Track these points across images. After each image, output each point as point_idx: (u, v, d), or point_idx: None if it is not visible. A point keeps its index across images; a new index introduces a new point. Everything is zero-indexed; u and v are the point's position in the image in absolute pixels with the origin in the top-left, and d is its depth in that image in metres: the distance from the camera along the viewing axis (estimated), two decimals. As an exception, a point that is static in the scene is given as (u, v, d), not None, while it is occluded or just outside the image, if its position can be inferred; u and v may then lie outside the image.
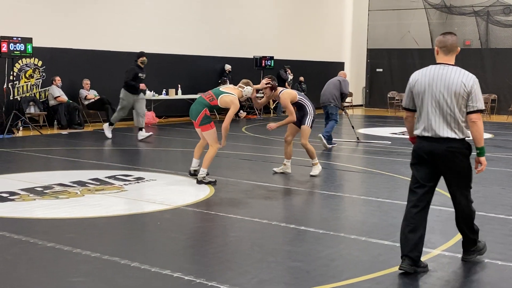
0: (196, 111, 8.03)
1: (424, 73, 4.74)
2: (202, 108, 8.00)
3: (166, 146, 12.49)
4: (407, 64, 24.84)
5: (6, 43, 13.14)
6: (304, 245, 5.42)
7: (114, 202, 6.97)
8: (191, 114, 8.16)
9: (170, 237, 5.64)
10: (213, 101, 8.05)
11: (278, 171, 9.03)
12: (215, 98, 8.05)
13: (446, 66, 4.73)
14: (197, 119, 8.00)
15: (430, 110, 4.63)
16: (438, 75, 4.66)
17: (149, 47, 17.76)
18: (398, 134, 15.11)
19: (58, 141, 12.83)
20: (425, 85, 4.67)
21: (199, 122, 8.00)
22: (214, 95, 8.10)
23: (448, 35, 4.84)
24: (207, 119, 7.99)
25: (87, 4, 16.20)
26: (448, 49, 4.81)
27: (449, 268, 4.86)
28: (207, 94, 8.19)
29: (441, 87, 4.60)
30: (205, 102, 8.05)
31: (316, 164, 8.91)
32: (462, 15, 23.86)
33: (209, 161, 8.02)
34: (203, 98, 8.14)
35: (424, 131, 4.68)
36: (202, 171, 8.04)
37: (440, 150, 4.62)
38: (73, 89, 15.86)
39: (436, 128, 4.61)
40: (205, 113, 7.96)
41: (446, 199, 7.35)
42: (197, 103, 8.14)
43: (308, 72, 23.17)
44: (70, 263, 4.78)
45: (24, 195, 7.19)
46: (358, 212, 6.90)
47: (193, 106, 8.19)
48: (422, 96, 4.68)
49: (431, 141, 4.65)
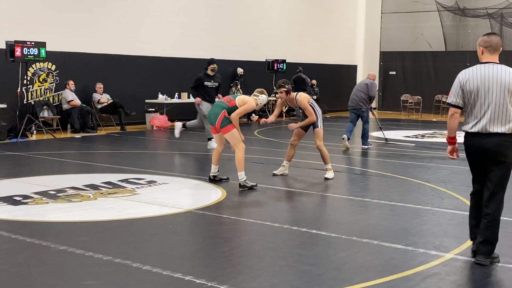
0: (215, 114, 8.04)
1: (474, 71, 4.94)
2: (220, 110, 8.02)
3: (178, 149, 12.51)
4: (420, 67, 24.75)
5: (20, 48, 13.24)
6: (315, 248, 5.41)
7: (127, 205, 6.98)
8: (210, 119, 8.16)
9: (182, 240, 5.64)
10: (231, 101, 8.10)
11: (278, 174, 9.07)
12: (233, 99, 8.15)
13: (495, 64, 4.91)
14: (217, 122, 7.99)
15: (482, 107, 4.85)
16: (490, 74, 4.86)
17: (162, 51, 17.87)
18: (411, 137, 15.03)
19: (71, 145, 12.90)
20: (477, 83, 4.87)
21: (219, 124, 7.99)
22: (231, 97, 8.25)
23: (492, 36, 4.99)
24: (226, 121, 7.98)
25: (101, 8, 16.29)
26: (493, 48, 4.97)
27: (463, 272, 4.83)
28: (225, 98, 8.33)
29: (494, 84, 4.82)
30: (224, 105, 8.09)
31: (330, 169, 8.96)
32: (476, 18, 23.71)
33: (241, 163, 7.94)
34: (222, 101, 8.26)
35: (475, 127, 4.91)
36: (240, 175, 7.94)
37: (491, 144, 4.84)
38: (86, 93, 15.95)
39: (487, 124, 4.83)
40: (224, 115, 7.97)
41: (460, 202, 7.32)
42: (214, 107, 8.22)
43: (321, 75, 23.12)
44: (82, 266, 4.80)
45: (37, 199, 7.23)
46: (371, 215, 6.87)
47: (211, 110, 8.22)
48: (475, 94, 4.88)
49: (482, 136, 4.87)
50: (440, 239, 5.73)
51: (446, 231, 6.06)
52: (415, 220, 6.47)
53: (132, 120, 16.40)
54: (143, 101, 16.93)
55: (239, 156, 7.95)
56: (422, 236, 5.81)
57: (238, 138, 8.02)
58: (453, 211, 6.85)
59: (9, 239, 5.53)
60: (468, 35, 23.89)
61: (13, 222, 6.18)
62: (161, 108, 17.00)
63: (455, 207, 7.07)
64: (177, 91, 17.58)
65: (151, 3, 17.54)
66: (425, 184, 8.58)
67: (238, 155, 7.97)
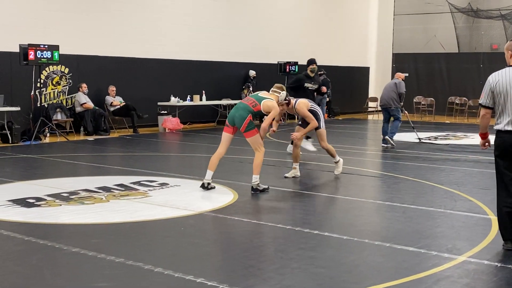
0: (241, 117, 7.90)
1: (503, 74, 5.39)
2: (247, 114, 7.90)
3: (190, 152, 12.54)
4: (433, 68, 24.64)
5: (33, 51, 13.33)
6: (327, 251, 5.39)
7: (139, 207, 7.01)
8: (234, 120, 7.98)
9: (194, 242, 5.65)
10: (256, 106, 8.00)
11: (289, 176, 9.05)
12: (258, 103, 8.02)
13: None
14: (243, 125, 7.86)
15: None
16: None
17: (174, 53, 17.93)
18: (424, 139, 14.95)
19: (84, 147, 12.97)
20: (506, 85, 5.32)
21: (244, 127, 7.87)
22: (256, 100, 8.06)
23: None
24: (252, 125, 7.90)
25: (113, 12, 16.38)
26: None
27: (475, 274, 4.79)
28: (248, 100, 8.13)
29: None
30: (249, 108, 7.96)
31: (338, 161, 9.33)
32: (489, 19, 23.57)
33: (259, 167, 7.93)
34: (246, 104, 8.04)
35: (507, 125, 5.30)
36: (254, 178, 7.93)
37: None
38: (99, 95, 16.03)
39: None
40: (250, 119, 7.89)
41: (473, 205, 7.28)
42: (240, 110, 7.99)
43: (333, 77, 23.07)
44: (94, 268, 4.82)
45: (50, 201, 7.27)
46: (383, 218, 6.85)
47: (235, 112, 8.01)
48: (504, 95, 5.32)
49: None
50: (453, 241, 5.70)
51: (459, 233, 6.02)
52: (427, 223, 6.43)
53: (144, 123, 16.46)
54: (155, 103, 16.99)
55: (259, 159, 7.94)
56: (434, 239, 5.78)
57: (260, 142, 8.00)
58: (466, 214, 6.81)
59: (22, 241, 5.57)
60: (481, 37, 23.76)
61: (26, 224, 6.22)
62: (173, 110, 17.05)
63: (468, 210, 7.02)
64: (189, 94, 17.63)
65: (164, 6, 17.60)
66: (438, 186, 8.54)
67: (258, 159, 7.94)
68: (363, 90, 25.82)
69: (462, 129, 17.69)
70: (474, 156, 11.71)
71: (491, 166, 10.19)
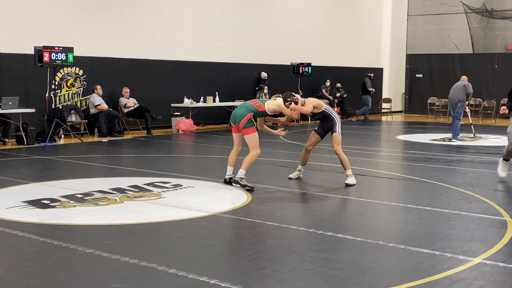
0: (241, 114, 8.15)
1: None
2: (247, 112, 8.14)
3: (204, 153, 12.56)
4: (447, 69, 24.50)
5: (48, 53, 13.42)
6: (341, 253, 5.37)
7: (153, 208, 7.03)
8: (234, 117, 8.25)
9: (207, 244, 5.65)
10: (261, 107, 8.25)
11: (293, 177, 9.09)
12: (262, 104, 8.30)
13: None
14: (241, 122, 8.11)
15: None
16: None
17: (188, 55, 17.98)
18: (438, 140, 14.88)
19: (98, 149, 13.03)
20: None
21: (242, 125, 8.11)
22: (260, 102, 8.37)
23: None
24: (250, 123, 8.12)
25: (128, 14, 16.45)
26: None
27: (491, 277, 4.76)
28: (253, 101, 8.47)
29: None
30: (252, 108, 8.22)
31: (350, 175, 8.71)
32: (504, 19, 23.41)
33: (248, 164, 8.16)
34: (250, 104, 8.33)
35: None
36: (240, 172, 8.13)
37: None
38: (113, 97, 16.11)
39: None
40: (249, 117, 8.10)
41: (488, 206, 7.23)
42: (242, 108, 8.27)
43: (347, 78, 23.04)
44: (108, 269, 4.83)
45: (64, 202, 7.31)
46: (397, 219, 6.81)
47: (237, 110, 8.30)
48: None
49: None
50: (468, 243, 5.66)
51: (474, 235, 5.98)
52: (442, 225, 6.40)
53: (158, 124, 16.51)
54: (169, 105, 17.04)
55: (251, 157, 8.14)
56: (449, 241, 5.75)
57: (257, 143, 8.15)
58: (481, 215, 6.76)
59: (37, 242, 5.60)
60: (496, 37, 23.60)
61: (41, 225, 6.26)
62: (186, 112, 17.09)
63: (483, 211, 6.97)
64: (203, 95, 17.66)
65: (177, 8, 17.65)
66: (453, 188, 8.49)
67: (250, 157, 8.15)
68: (377, 91, 25.69)
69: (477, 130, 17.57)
70: (489, 158, 11.63)
71: (506, 167, 10.12)
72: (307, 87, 21.35)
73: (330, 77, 22.07)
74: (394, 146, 14.17)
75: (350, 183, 8.65)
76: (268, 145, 13.51)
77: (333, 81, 22.07)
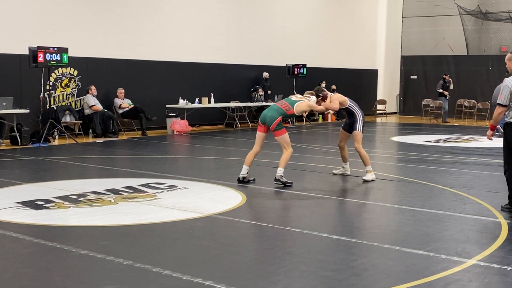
0: (272, 117, 8.55)
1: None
2: (278, 115, 8.57)
3: (199, 154, 12.55)
4: (442, 71, 24.55)
5: (43, 53, 13.39)
6: (336, 254, 5.38)
7: (147, 210, 7.01)
8: (264, 119, 8.64)
9: (202, 245, 5.64)
10: (290, 110, 8.69)
11: (338, 173, 9.55)
12: (291, 107, 8.69)
13: None
14: (272, 124, 8.53)
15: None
16: None
17: (183, 56, 17.97)
18: (433, 142, 14.92)
19: (93, 150, 13.00)
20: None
21: (273, 127, 8.53)
22: (289, 104, 8.73)
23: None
24: (281, 125, 8.59)
25: (122, 14, 16.43)
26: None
27: (485, 278, 4.77)
28: (282, 103, 8.81)
29: None
30: (282, 111, 8.65)
31: (370, 171, 9.12)
32: (498, 21, 23.49)
33: (285, 162, 8.57)
34: (279, 107, 8.71)
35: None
36: (279, 170, 8.52)
37: None
38: (108, 98, 16.08)
39: None
40: (280, 121, 8.55)
41: (482, 208, 7.24)
42: (272, 111, 8.66)
43: (342, 80, 23.08)
44: (103, 271, 4.82)
45: (59, 203, 7.29)
46: (392, 221, 6.82)
47: (267, 112, 8.67)
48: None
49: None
50: (462, 245, 5.67)
51: (468, 237, 5.99)
52: (437, 226, 6.41)
53: (153, 125, 16.50)
54: (164, 106, 17.03)
55: (285, 155, 8.57)
56: (444, 242, 5.76)
57: (288, 142, 8.64)
58: (476, 217, 6.78)
59: (31, 243, 5.59)
60: (490, 39, 23.68)
61: (35, 226, 6.24)
62: (181, 113, 17.08)
63: (478, 213, 6.99)
64: (198, 96, 17.66)
65: (172, 9, 17.64)
66: (447, 189, 8.51)
67: (285, 155, 8.57)
68: (372, 92, 25.79)
69: (471, 132, 17.62)
70: (483, 159, 11.66)
71: (500, 169, 10.15)
72: (302, 88, 21.37)
73: (326, 78, 22.10)
74: (388, 148, 14.19)
75: (368, 179, 9.06)
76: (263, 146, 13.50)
77: (329, 82, 22.08)
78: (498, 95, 15.57)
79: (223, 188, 8.36)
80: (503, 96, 6.83)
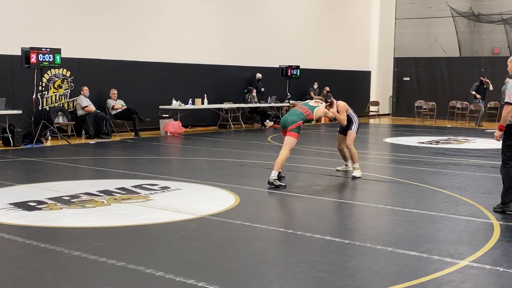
0: (293, 121, 8.82)
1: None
2: (299, 119, 8.84)
3: (192, 155, 12.54)
4: (434, 72, 24.66)
5: (35, 54, 13.35)
6: (329, 255, 5.38)
7: (140, 211, 7.00)
8: (285, 123, 8.91)
9: (195, 246, 5.64)
10: (310, 115, 9.00)
11: (341, 169, 10.07)
12: (312, 112, 9.00)
13: None
14: (291, 126, 8.78)
15: None
16: None
17: (176, 57, 17.95)
18: (426, 143, 14.95)
19: (85, 151, 12.97)
20: None
21: (291, 128, 8.79)
22: (309, 109, 9.02)
23: None
24: (298, 129, 8.85)
25: (115, 15, 16.40)
26: None
27: (477, 279, 4.78)
28: (303, 108, 9.05)
29: None
30: (303, 116, 8.92)
31: (357, 168, 9.59)
32: (491, 23, 23.58)
33: (280, 164, 8.68)
34: (301, 112, 8.97)
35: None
36: (273, 173, 8.58)
37: None
38: (101, 99, 16.05)
39: None
40: (299, 125, 8.84)
41: (475, 209, 7.27)
42: (294, 115, 8.92)
43: (335, 81, 23.12)
44: (96, 272, 4.81)
45: (51, 204, 7.26)
46: (385, 222, 6.84)
47: (288, 117, 8.94)
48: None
49: None
50: (455, 246, 5.69)
51: (460, 238, 6.01)
52: (429, 227, 6.42)
53: (146, 126, 16.47)
54: (157, 107, 17.01)
55: (281, 158, 8.68)
56: (436, 243, 5.77)
57: (292, 146, 8.81)
58: (468, 218, 6.80)
59: (23, 244, 5.57)
60: (483, 41, 23.77)
61: (28, 227, 6.22)
62: (175, 114, 17.06)
63: (470, 214, 7.01)
64: (191, 97, 17.64)
65: (165, 10, 17.63)
66: (440, 190, 8.53)
67: (281, 157, 8.68)
68: (365, 94, 25.84)
69: (464, 133, 17.68)
70: (476, 161, 11.70)
71: (492, 170, 10.20)
72: (296, 89, 21.41)
73: (319, 80, 22.14)
74: (381, 149, 14.21)
75: (357, 175, 9.51)
76: (256, 147, 13.51)
77: (321, 84, 22.12)
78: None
79: (216, 190, 8.35)
80: (511, 95, 6.84)
